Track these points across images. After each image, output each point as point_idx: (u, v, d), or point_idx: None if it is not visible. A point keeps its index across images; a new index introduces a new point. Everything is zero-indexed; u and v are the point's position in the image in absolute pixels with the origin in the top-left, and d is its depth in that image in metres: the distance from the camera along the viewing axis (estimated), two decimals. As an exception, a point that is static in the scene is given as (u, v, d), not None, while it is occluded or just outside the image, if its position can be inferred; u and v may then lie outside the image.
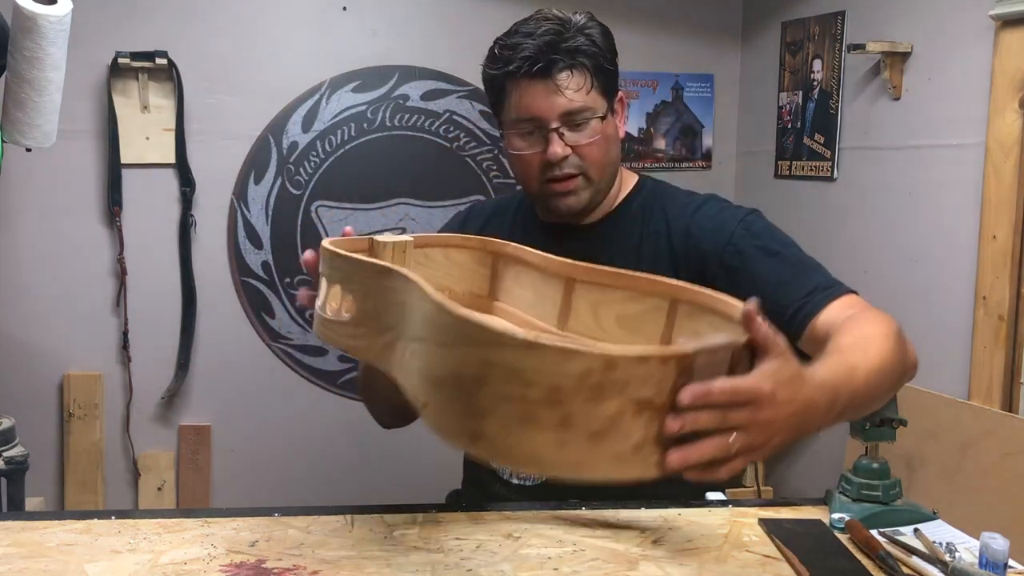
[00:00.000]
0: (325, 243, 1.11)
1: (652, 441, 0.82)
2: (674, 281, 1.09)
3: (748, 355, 0.89)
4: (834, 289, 1.26)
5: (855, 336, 1.11)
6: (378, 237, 1.21)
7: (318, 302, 1.13)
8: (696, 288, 1.07)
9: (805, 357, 1.23)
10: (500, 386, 0.79)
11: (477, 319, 0.80)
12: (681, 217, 1.39)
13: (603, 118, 1.34)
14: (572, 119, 1.32)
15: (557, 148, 1.32)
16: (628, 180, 1.47)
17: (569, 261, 1.21)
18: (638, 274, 1.13)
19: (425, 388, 0.87)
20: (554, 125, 1.32)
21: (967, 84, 2.33)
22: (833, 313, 1.22)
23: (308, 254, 1.18)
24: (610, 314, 1.16)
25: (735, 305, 0.98)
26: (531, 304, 1.26)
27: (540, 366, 0.77)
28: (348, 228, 1.22)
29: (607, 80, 1.35)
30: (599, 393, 0.78)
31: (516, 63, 1.30)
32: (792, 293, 1.26)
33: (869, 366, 1.04)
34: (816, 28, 2.91)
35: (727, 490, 1.49)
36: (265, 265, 3.11)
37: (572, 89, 1.31)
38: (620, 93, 1.41)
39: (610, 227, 1.43)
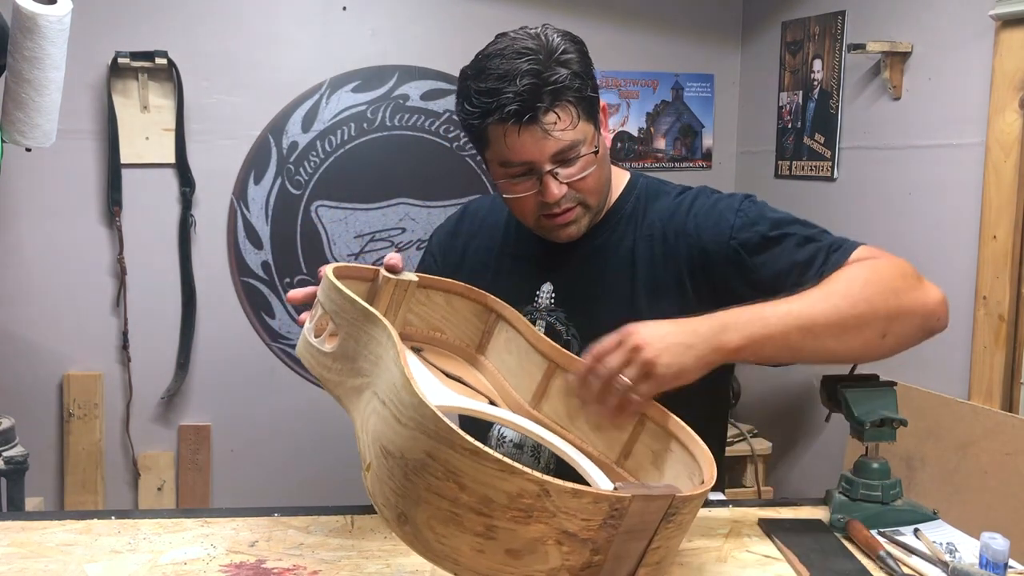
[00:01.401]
0: (328, 268, 1.11)
1: (567, 570, 0.84)
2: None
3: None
4: (844, 248, 1.28)
5: (821, 285, 1.19)
6: (384, 271, 1.20)
7: (308, 323, 1.12)
8: (664, 411, 1.10)
9: None
10: (437, 481, 0.80)
11: (433, 410, 0.80)
12: (675, 217, 1.36)
13: (596, 151, 1.30)
14: (564, 156, 1.27)
15: (554, 190, 1.28)
16: (619, 179, 1.44)
17: (556, 346, 1.22)
18: None
19: (373, 451, 0.88)
20: (547, 168, 1.27)
21: (967, 84, 2.33)
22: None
23: (293, 293, 1.19)
24: (576, 405, 1.17)
25: (697, 440, 1.04)
26: (512, 372, 1.27)
27: (478, 475, 0.79)
28: (393, 256, 1.21)
29: (591, 105, 1.30)
30: (527, 516, 0.80)
31: (500, 114, 1.23)
32: (809, 269, 1.26)
33: (786, 313, 1.13)
34: (816, 28, 2.91)
35: (727, 490, 1.49)
36: (265, 265, 3.11)
37: (560, 130, 1.25)
38: (601, 103, 1.35)
39: (603, 232, 1.40)
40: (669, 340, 1.09)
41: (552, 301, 1.40)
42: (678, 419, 1.09)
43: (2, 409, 2.45)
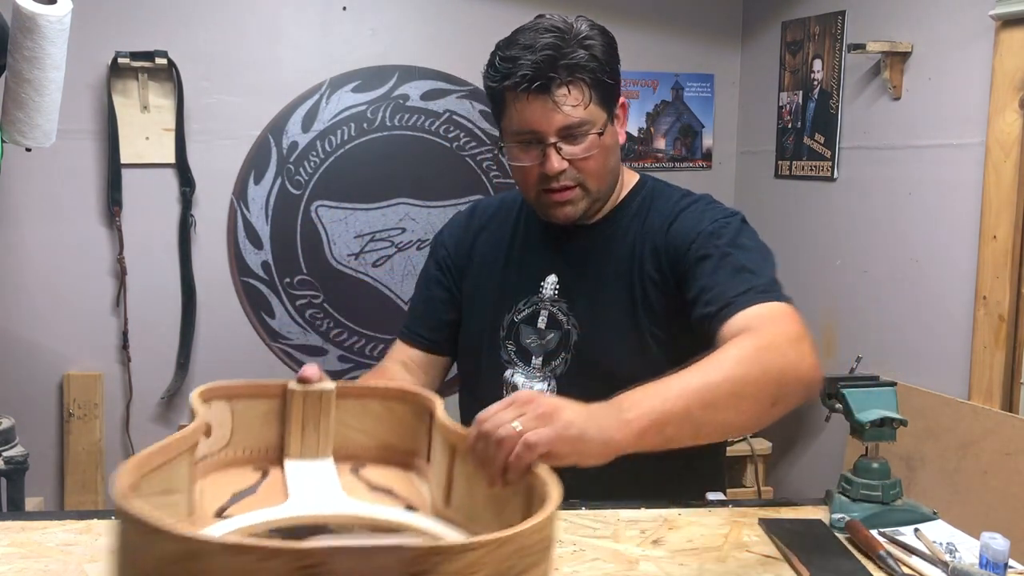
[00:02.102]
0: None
1: None
2: None
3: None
4: (764, 295, 1.22)
5: (710, 358, 1.09)
6: (292, 385, 1.04)
7: None
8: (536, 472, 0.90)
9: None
10: None
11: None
12: (670, 216, 1.41)
13: (601, 133, 1.34)
14: (570, 133, 1.32)
15: (554, 162, 1.33)
16: (629, 179, 1.49)
17: (453, 426, 1.01)
18: None
19: None
20: (552, 140, 1.32)
21: (967, 84, 2.33)
22: (748, 318, 1.19)
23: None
24: (479, 490, 0.96)
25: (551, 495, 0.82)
26: (436, 470, 1.06)
27: (142, 544, 0.68)
28: (308, 367, 1.06)
29: (606, 92, 1.35)
30: None
31: (515, 79, 1.30)
32: (723, 294, 1.24)
33: (684, 387, 1.03)
34: (816, 28, 2.91)
35: (727, 490, 1.49)
36: (265, 265, 3.11)
37: (570, 105, 1.31)
38: (622, 99, 1.41)
39: (610, 226, 1.45)
40: (569, 403, 0.97)
41: (556, 292, 1.44)
42: (545, 479, 0.87)
43: (2, 409, 2.45)
